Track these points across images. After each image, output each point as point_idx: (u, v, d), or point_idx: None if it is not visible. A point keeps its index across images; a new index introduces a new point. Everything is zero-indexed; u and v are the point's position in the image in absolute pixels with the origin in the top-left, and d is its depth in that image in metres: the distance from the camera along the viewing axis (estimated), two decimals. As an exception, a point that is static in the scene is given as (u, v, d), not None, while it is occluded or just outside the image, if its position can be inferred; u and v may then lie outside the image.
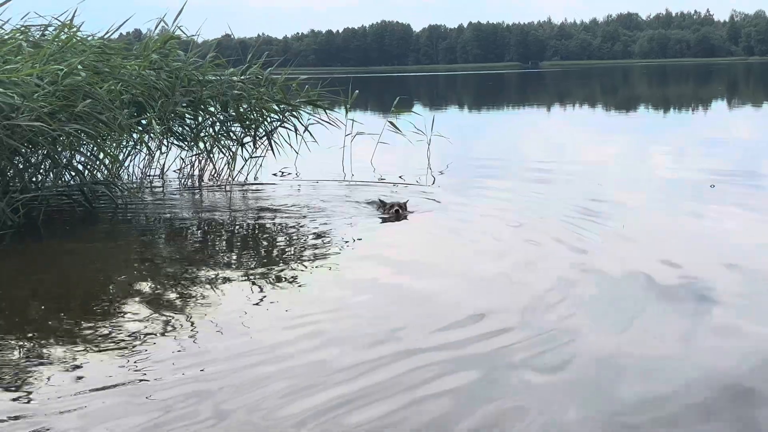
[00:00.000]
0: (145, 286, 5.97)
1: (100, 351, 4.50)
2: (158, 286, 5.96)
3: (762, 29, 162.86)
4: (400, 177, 11.10)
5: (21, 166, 8.44)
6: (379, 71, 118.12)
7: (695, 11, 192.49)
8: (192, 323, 4.98)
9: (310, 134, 11.88)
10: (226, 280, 5.99)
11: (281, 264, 6.48)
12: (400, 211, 8.21)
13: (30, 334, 4.88)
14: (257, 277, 6.05)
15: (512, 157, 14.27)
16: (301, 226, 7.93)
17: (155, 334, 4.75)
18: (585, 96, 40.68)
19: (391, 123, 13.12)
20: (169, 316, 5.10)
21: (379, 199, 8.73)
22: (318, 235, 7.47)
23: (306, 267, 6.32)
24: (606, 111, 28.43)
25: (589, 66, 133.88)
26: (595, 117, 25.24)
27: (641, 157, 14.05)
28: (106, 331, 4.82)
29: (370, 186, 10.55)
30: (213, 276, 6.10)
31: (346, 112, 12.94)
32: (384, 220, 8.12)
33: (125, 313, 5.22)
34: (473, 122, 24.71)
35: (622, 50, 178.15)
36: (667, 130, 19.31)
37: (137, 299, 5.56)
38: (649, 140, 16.71)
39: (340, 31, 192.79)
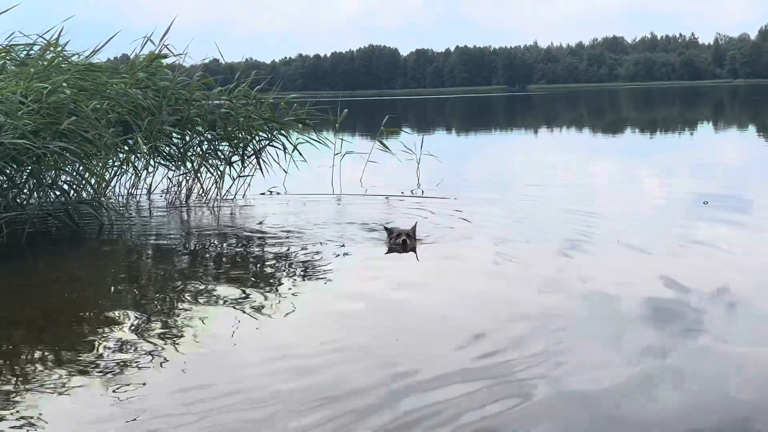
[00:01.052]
0: (131, 308, 5.79)
1: (85, 375, 4.35)
2: (144, 308, 5.80)
3: (746, 52, 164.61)
4: (387, 194, 10.99)
5: (5, 185, 8.30)
6: (367, 95, 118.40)
7: (680, 35, 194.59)
8: (179, 346, 4.83)
9: (299, 153, 11.80)
10: (214, 302, 5.84)
11: (270, 288, 6.29)
12: (408, 241, 7.38)
13: (12, 357, 4.73)
14: (245, 301, 5.85)
15: (503, 177, 14.21)
16: (290, 248, 7.76)
17: (142, 359, 4.59)
18: (573, 119, 40.79)
19: (380, 142, 13.07)
20: (156, 340, 4.95)
21: (384, 227, 7.97)
22: (307, 257, 7.29)
23: (294, 292, 6.12)
24: (593, 134, 28.48)
25: (576, 89, 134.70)
26: (583, 139, 25.26)
27: (631, 177, 14.00)
28: (92, 355, 4.67)
29: (362, 201, 10.49)
30: (200, 298, 5.95)
31: (335, 132, 12.88)
32: (389, 250, 7.44)
33: (111, 336, 5.06)
34: (462, 144, 24.71)
35: (608, 73, 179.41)
36: (655, 152, 19.30)
37: (123, 321, 5.40)
38: (638, 161, 16.71)
39: (328, 56, 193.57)
